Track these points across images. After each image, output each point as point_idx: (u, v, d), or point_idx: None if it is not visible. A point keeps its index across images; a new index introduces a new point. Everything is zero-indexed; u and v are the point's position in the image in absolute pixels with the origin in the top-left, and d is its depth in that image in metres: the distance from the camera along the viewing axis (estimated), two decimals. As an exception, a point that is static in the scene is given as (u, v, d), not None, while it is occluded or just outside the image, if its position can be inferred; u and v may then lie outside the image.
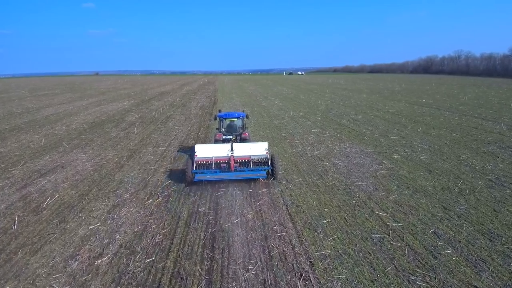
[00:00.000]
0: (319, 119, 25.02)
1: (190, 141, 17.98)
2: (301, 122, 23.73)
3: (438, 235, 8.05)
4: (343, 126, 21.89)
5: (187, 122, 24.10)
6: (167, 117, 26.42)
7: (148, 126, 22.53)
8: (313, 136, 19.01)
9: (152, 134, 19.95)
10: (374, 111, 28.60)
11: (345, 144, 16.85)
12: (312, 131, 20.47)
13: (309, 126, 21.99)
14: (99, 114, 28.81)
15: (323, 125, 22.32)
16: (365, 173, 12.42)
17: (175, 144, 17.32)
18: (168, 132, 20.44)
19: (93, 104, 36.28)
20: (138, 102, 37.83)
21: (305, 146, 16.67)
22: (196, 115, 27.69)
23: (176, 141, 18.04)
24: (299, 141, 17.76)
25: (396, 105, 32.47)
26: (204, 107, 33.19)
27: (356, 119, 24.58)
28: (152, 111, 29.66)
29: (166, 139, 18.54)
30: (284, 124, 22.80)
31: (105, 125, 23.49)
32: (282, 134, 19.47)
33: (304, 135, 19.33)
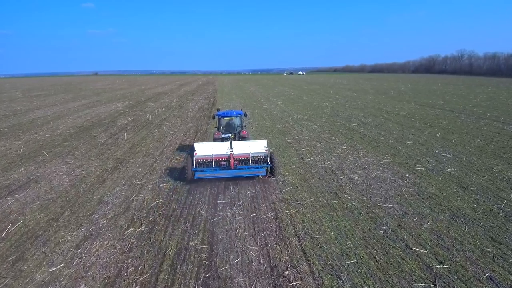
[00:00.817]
0: (325, 122, 23.14)
1: (184, 150, 16.10)
2: (306, 126, 21.85)
3: (495, 281, 6.20)
4: (353, 131, 20.01)
5: (183, 126, 22.22)
6: (162, 120, 24.54)
7: (140, 131, 20.65)
8: (322, 142, 17.13)
9: (143, 141, 18.07)
10: (384, 114, 26.72)
11: (359, 153, 14.98)
12: (320, 136, 18.59)
13: (316, 131, 20.11)
14: (89, 117, 26.94)
15: (331, 130, 20.44)
16: (388, 191, 10.55)
17: (167, 153, 15.44)
18: (162, 138, 18.56)
19: (85, 106, 34.40)
20: (133, 104, 35.95)
21: (314, 155, 14.80)
22: (193, 118, 25.82)
23: (170, 149, 16.16)
24: (307, 148, 15.89)
25: (406, 107, 30.59)
26: (202, 108, 31.31)
27: (366, 123, 22.71)
28: (147, 114, 27.78)
29: (158, 147, 16.66)
30: (288, 129, 20.93)
31: (93, 129, 21.61)
32: (287, 141, 17.60)
33: (312, 141, 17.46)
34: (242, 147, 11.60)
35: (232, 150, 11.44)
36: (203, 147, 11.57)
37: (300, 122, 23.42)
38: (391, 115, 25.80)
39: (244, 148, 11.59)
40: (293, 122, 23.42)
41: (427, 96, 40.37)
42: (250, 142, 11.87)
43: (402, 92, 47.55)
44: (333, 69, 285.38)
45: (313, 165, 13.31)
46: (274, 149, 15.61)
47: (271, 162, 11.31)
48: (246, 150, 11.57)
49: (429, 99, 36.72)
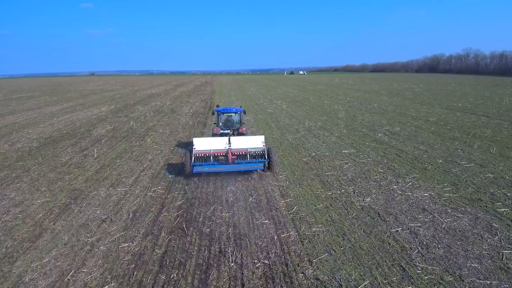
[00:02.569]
0: (344, 131, 19.12)
1: (170, 173, 12.07)
2: (323, 136, 17.83)
3: None
4: (383, 144, 16.00)
5: (171, 137, 18.17)
6: (147, 129, 20.49)
7: (117, 144, 16.60)
8: (349, 162, 13.13)
9: (117, 160, 14.03)
10: (410, 120, 22.71)
11: (405, 180, 10.98)
12: (343, 152, 14.57)
13: (336, 144, 16.09)
14: (63, 124, 22.86)
15: (355, 142, 16.42)
16: (480, 259, 6.58)
17: (144, 181, 11.38)
18: (142, 156, 14.51)
19: (64, 111, 30.31)
20: (120, 107, 31.87)
21: (344, 183, 10.79)
22: (185, 125, 21.77)
23: (148, 174, 12.12)
24: (331, 172, 11.88)
25: (432, 111, 26.56)
26: (197, 113, 27.26)
27: (394, 132, 18.70)
28: (131, 120, 23.70)
29: (134, 170, 12.62)
30: (301, 141, 16.90)
31: (61, 142, 17.56)
32: (303, 159, 13.58)
33: (335, 160, 13.46)
34: (240, 142, 11.61)
35: (230, 145, 11.43)
36: (202, 142, 11.54)
37: (314, 131, 19.40)
38: (420, 122, 21.78)
39: (242, 143, 11.60)
40: (305, 131, 19.40)
41: (448, 98, 36.35)
42: (248, 138, 11.91)
43: (417, 93, 43.51)
44: (333, 68, 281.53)
45: (348, 203, 9.29)
46: (288, 174, 11.64)
47: (269, 157, 11.38)
48: (244, 145, 11.57)
49: (453, 102, 32.70)
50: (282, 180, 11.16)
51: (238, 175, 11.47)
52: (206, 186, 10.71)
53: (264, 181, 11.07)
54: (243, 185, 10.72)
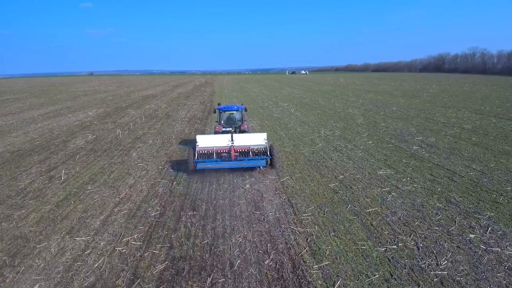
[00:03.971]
0: (370, 143, 15.95)
1: (153, 210, 8.92)
2: (346, 150, 14.67)
3: None
4: (423, 161, 12.84)
5: (162, 150, 15.02)
6: (135, 139, 17.34)
7: (95, 161, 13.45)
8: (392, 190, 9.97)
9: (89, 185, 10.87)
10: (441, 127, 19.53)
11: (479, 223, 7.85)
12: (378, 174, 11.41)
13: (365, 161, 12.94)
14: (40, 133, 19.71)
15: (388, 158, 13.28)
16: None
17: (115, 225, 8.20)
18: (121, 179, 11.36)
19: (47, 115, 27.15)
20: (109, 112, 28.69)
21: (397, 230, 7.62)
22: (180, 134, 18.63)
23: (124, 210, 8.96)
24: (374, 209, 8.72)
25: (461, 116, 23.37)
26: (195, 118, 24.12)
27: (431, 144, 15.54)
28: (118, 128, 20.54)
29: (106, 203, 9.46)
30: (320, 156, 13.73)
31: (29, 157, 14.43)
32: (329, 185, 10.41)
33: (372, 186, 10.30)
34: (242, 140, 11.73)
35: (233, 142, 11.60)
36: (205, 139, 11.79)
37: (333, 142, 16.23)
38: (455, 130, 18.59)
39: (244, 141, 11.73)
40: (323, 142, 16.22)
41: (470, 100, 33.13)
42: (250, 135, 12.08)
43: (434, 94, 40.25)
44: (335, 68, 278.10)
45: (417, 272, 6.12)
46: (315, 211, 8.50)
47: (271, 154, 11.39)
48: (247, 142, 11.71)
49: (478, 105, 29.48)
50: (309, 222, 8.01)
51: (248, 212, 8.32)
52: (202, 235, 7.55)
53: (283, 224, 7.92)
54: (254, 232, 7.57)
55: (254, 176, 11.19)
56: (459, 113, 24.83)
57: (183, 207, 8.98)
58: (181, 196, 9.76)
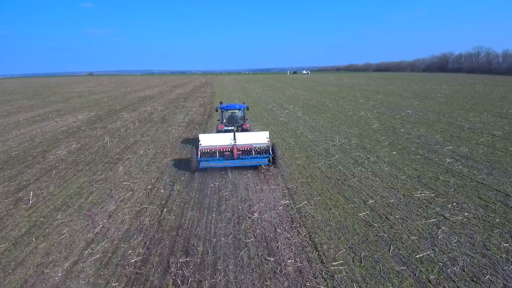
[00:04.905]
0: (395, 154, 13.84)
1: (134, 255, 6.80)
2: (369, 163, 12.55)
3: None
4: (464, 178, 10.73)
5: (154, 163, 12.90)
6: (124, 148, 15.23)
7: (74, 178, 11.34)
8: (440, 221, 7.84)
9: (59, 213, 8.75)
10: (469, 134, 17.40)
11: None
12: (416, 197, 9.28)
13: (395, 178, 10.81)
14: (20, 140, 17.60)
15: (421, 174, 11.16)
16: None
17: (83, 277, 6.09)
18: (100, 204, 9.23)
19: (33, 119, 25.04)
20: (101, 115, 26.57)
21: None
22: (176, 141, 16.54)
23: (96, 255, 6.83)
24: (426, 253, 6.60)
25: (486, 120, 21.23)
26: (194, 123, 22.01)
27: (465, 155, 13.45)
28: (107, 135, 18.43)
29: (75, 242, 7.33)
30: (340, 171, 11.60)
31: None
32: (358, 215, 8.26)
33: (413, 216, 8.17)
34: (245, 138, 11.81)
35: (236, 141, 11.68)
36: (208, 138, 11.86)
37: (351, 152, 14.11)
38: (486, 138, 16.46)
39: (247, 139, 11.79)
40: (339, 152, 14.10)
41: (488, 102, 30.95)
42: (252, 133, 12.20)
43: (448, 95, 38.06)
44: (336, 68, 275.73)
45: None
46: (347, 256, 6.38)
47: (273, 153, 11.48)
48: (249, 141, 11.75)
49: (499, 107, 27.30)
50: (343, 277, 5.88)
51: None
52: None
53: (308, 280, 5.80)
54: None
55: (263, 199, 9.07)
56: (482, 116, 22.67)
57: (173, 249, 6.86)
58: (171, 230, 7.64)
